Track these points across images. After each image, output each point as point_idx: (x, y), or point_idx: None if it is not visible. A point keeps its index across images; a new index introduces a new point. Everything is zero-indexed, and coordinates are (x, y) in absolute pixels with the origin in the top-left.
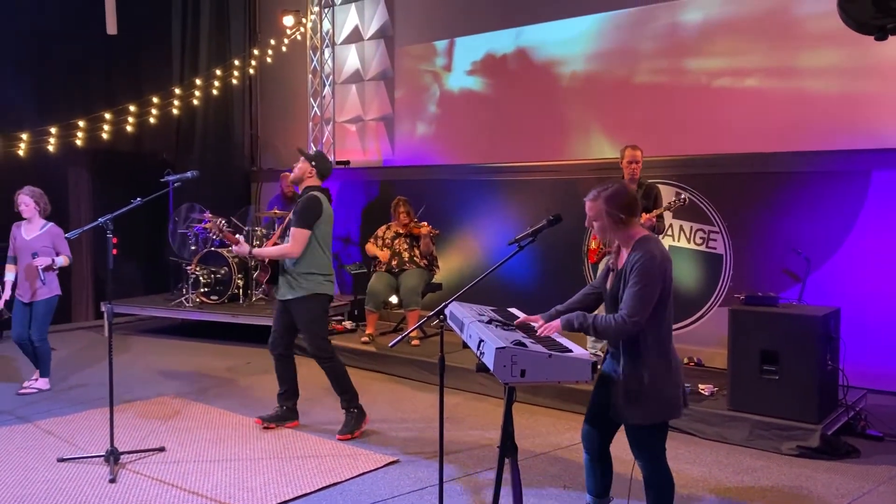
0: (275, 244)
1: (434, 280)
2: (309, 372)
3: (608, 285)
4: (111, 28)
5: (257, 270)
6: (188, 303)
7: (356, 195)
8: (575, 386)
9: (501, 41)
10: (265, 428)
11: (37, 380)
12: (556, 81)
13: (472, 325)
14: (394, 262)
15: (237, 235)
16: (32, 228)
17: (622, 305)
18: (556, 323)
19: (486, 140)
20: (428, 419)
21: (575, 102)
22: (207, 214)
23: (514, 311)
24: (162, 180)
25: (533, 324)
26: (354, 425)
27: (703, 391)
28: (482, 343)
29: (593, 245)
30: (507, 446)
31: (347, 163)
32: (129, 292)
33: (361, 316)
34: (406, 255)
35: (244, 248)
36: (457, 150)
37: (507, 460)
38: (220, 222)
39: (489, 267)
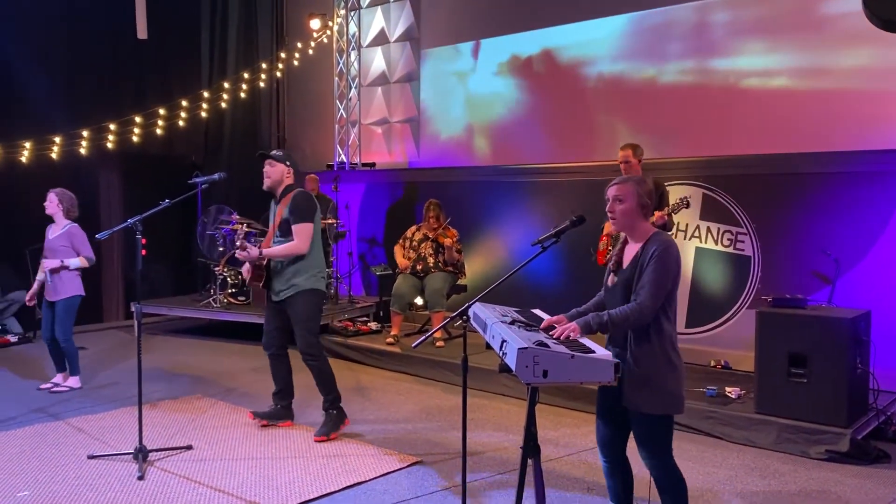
0: (268, 246)
1: (459, 282)
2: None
3: (610, 282)
4: (142, 33)
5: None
6: (216, 303)
7: (382, 197)
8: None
9: (527, 42)
10: (263, 426)
11: (61, 381)
12: (583, 82)
13: (495, 325)
14: (419, 266)
15: (246, 242)
16: (56, 228)
17: (638, 293)
18: (574, 325)
19: (511, 142)
20: (451, 420)
21: (601, 103)
22: (235, 216)
23: (537, 312)
24: (190, 182)
25: (557, 325)
26: (332, 427)
27: (729, 394)
28: (505, 343)
29: (601, 246)
30: (530, 447)
31: (373, 165)
32: (157, 293)
33: (386, 317)
34: (431, 259)
35: (253, 252)
36: (482, 151)
37: (529, 462)
38: (243, 229)
39: (514, 269)
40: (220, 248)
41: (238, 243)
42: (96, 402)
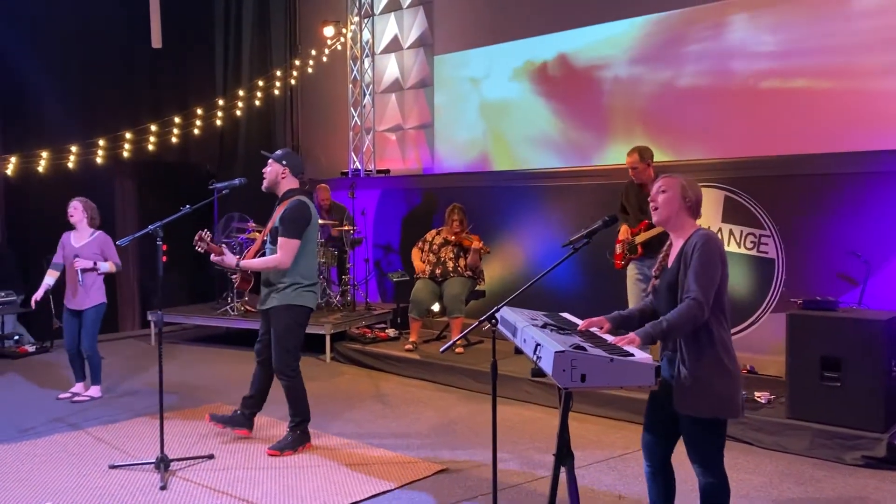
0: (258, 251)
1: (478, 288)
2: (352, 380)
3: (656, 282)
4: (156, 42)
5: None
6: (233, 311)
7: (397, 203)
8: (625, 393)
9: (542, 47)
10: (219, 430)
11: (82, 390)
12: (599, 85)
13: (527, 329)
14: (438, 271)
15: (221, 246)
16: (81, 237)
17: (687, 289)
18: (633, 336)
19: (527, 146)
20: (475, 427)
21: (618, 106)
22: (251, 224)
23: (567, 315)
24: (210, 187)
25: (593, 329)
26: (290, 445)
27: (759, 399)
28: (539, 347)
29: (618, 249)
30: (563, 454)
31: (387, 172)
32: (174, 301)
33: (404, 324)
34: (451, 263)
35: (230, 259)
36: (497, 156)
37: (562, 468)
38: (205, 233)
39: (532, 273)
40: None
41: (206, 244)
42: (115, 412)
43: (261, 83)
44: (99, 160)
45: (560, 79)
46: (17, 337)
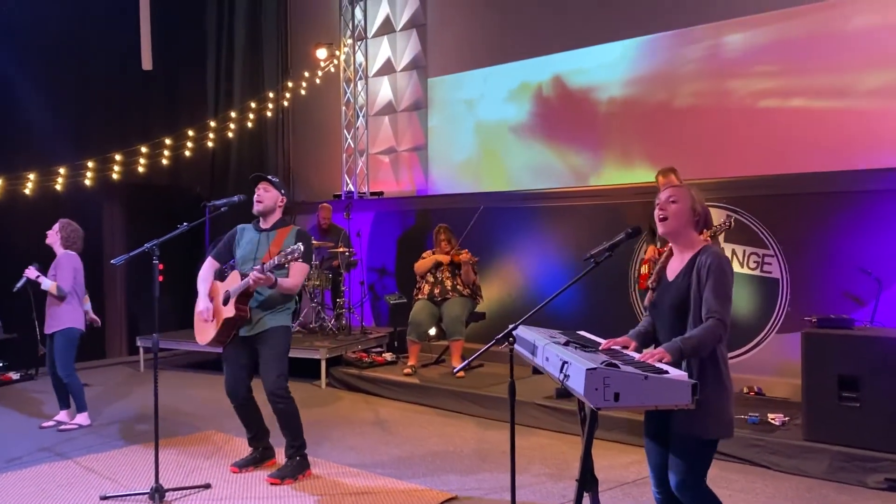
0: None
1: (477, 310)
2: (350, 405)
3: (648, 300)
4: (146, 63)
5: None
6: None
7: (391, 225)
8: (630, 415)
9: (537, 69)
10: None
11: (66, 418)
12: (594, 106)
13: (549, 346)
14: (436, 291)
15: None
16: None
17: (709, 308)
18: (662, 351)
19: (523, 167)
20: (481, 453)
21: (614, 127)
22: None
23: (584, 333)
24: (208, 205)
25: (616, 347)
26: (291, 473)
27: (773, 421)
28: (567, 365)
29: (644, 270)
30: (587, 479)
31: (381, 194)
32: (164, 326)
33: (402, 347)
34: (449, 283)
35: (272, 276)
36: (493, 178)
37: (586, 494)
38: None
39: (532, 295)
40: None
41: (260, 267)
42: (105, 440)
43: (253, 105)
44: (88, 182)
45: (555, 100)
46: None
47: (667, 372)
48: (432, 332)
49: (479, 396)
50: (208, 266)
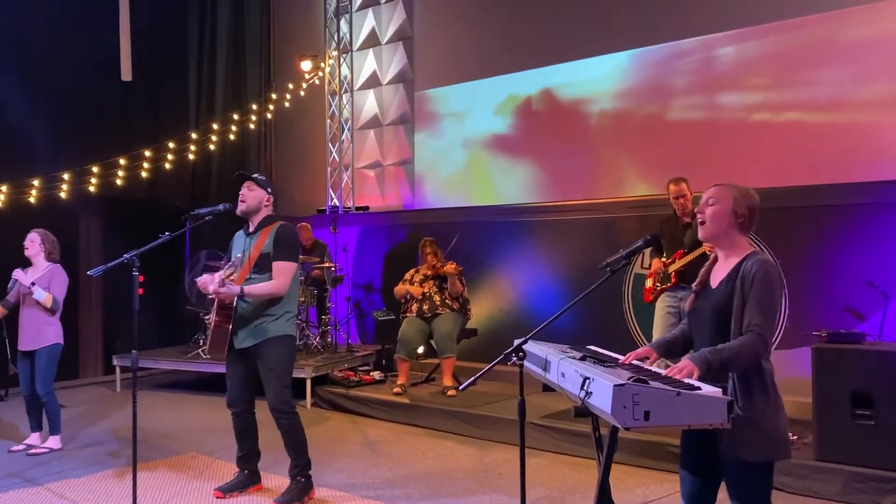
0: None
1: (468, 326)
2: (337, 426)
3: (689, 305)
4: (126, 74)
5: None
6: (205, 354)
7: (377, 241)
8: (632, 435)
9: (525, 82)
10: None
11: (38, 441)
12: (585, 120)
13: (565, 361)
14: (425, 307)
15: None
16: (35, 271)
17: (749, 322)
18: (689, 363)
19: (512, 181)
20: (476, 475)
21: (605, 141)
22: (224, 262)
23: (594, 348)
24: (191, 214)
25: (636, 362)
26: (297, 496)
27: None
28: (588, 381)
29: (648, 283)
30: None
31: (367, 208)
32: (142, 345)
33: (389, 366)
34: (437, 298)
35: (233, 289)
36: (481, 192)
37: None
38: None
39: (523, 310)
40: (211, 296)
41: (219, 279)
42: (79, 465)
43: (236, 117)
44: (63, 195)
45: (544, 114)
46: None
47: (699, 388)
48: (421, 349)
49: (472, 416)
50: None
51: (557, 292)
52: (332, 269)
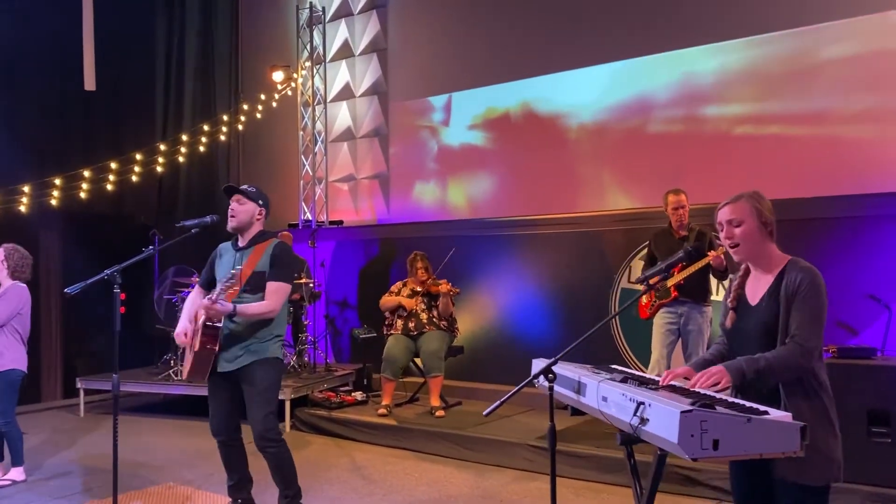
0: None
1: (455, 343)
2: (321, 451)
3: (729, 322)
4: (89, 84)
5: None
6: (176, 376)
7: (353, 255)
8: (601, 452)
9: (504, 94)
10: None
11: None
12: (564, 133)
13: (605, 385)
14: (411, 324)
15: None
16: None
17: (794, 331)
18: (721, 369)
19: (490, 195)
20: (475, 502)
21: (585, 154)
22: (195, 278)
23: (618, 367)
24: (178, 225)
25: (675, 382)
26: None
27: None
28: (643, 407)
29: (645, 299)
30: None
31: (341, 222)
32: (104, 367)
33: (370, 386)
34: (424, 316)
35: (227, 306)
36: (458, 206)
37: None
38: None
39: (507, 326)
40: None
41: (214, 296)
42: (45, 498)
43: (206, 128)
44: (22, 209)
45: (523, 126)
46: None
47: (766, 412)
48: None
49: (464, 438)
50: (195, 295)
51: (542, 307)
52: (311, 285)
